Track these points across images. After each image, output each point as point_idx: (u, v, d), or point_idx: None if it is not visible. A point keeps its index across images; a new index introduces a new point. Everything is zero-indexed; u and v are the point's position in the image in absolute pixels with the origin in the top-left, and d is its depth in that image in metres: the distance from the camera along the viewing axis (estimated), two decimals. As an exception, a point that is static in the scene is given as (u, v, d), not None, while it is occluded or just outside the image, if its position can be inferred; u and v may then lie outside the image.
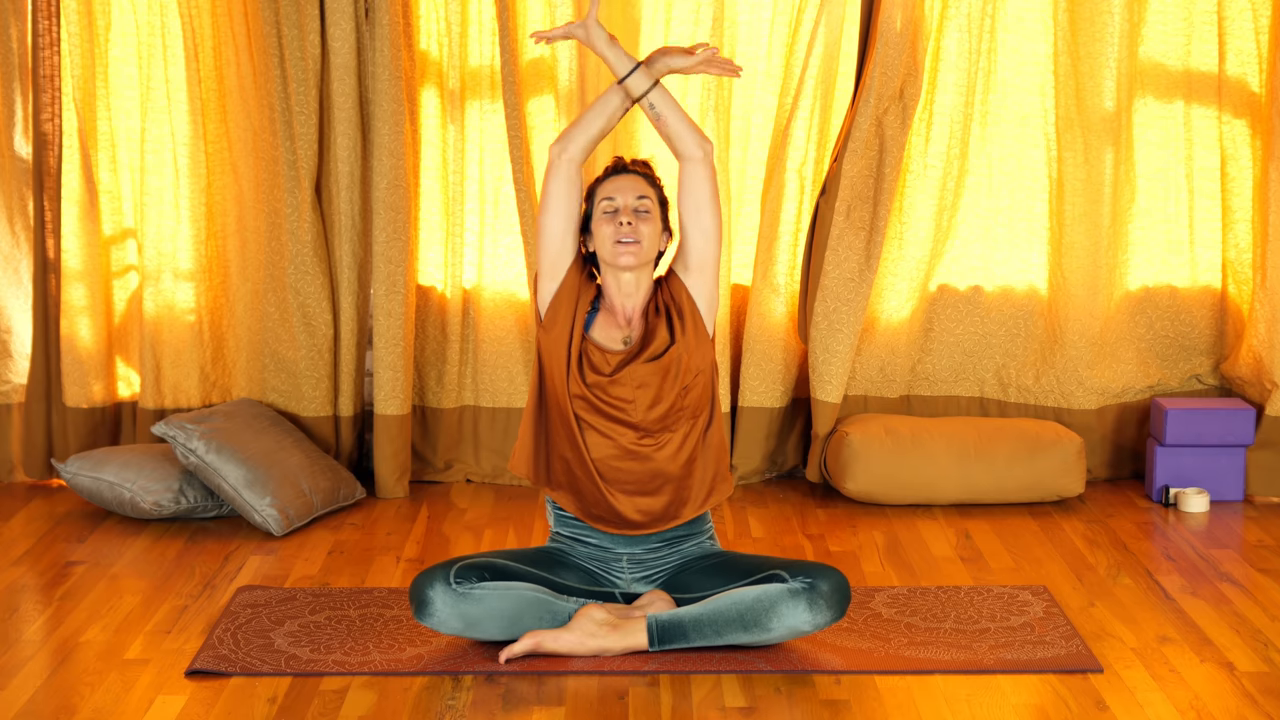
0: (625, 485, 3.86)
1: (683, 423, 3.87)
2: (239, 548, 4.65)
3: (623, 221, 3.81)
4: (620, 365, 3.83)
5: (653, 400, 3.84)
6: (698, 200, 3.84)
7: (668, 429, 3.86)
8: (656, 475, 3.86)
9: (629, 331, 3.88)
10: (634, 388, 3.83)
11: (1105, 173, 5.18)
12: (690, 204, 3.85)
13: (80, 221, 5.15)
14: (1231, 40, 5.15)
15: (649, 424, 3.84)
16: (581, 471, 3.86)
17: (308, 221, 5.11)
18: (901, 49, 5.02)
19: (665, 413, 3.84)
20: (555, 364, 3.84)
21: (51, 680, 3.67)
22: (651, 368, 3.83)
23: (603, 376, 3.83)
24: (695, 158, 3.83)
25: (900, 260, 5.25)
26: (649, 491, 3.86)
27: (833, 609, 3.73)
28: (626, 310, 3.89)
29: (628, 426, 3.83)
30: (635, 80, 3.82)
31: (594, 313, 3.90)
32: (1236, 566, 4.49)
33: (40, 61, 5.06)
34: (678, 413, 3.85)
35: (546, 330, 3.86)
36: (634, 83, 3.83)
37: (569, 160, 3.82)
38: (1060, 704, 3.53)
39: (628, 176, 3.90)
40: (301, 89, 5.05)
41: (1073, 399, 5.31)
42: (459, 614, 3.72)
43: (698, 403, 3.87)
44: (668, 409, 3.84)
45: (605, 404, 3.83)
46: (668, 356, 3.83)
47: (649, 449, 3.85)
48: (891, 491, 5.04)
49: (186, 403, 5.26)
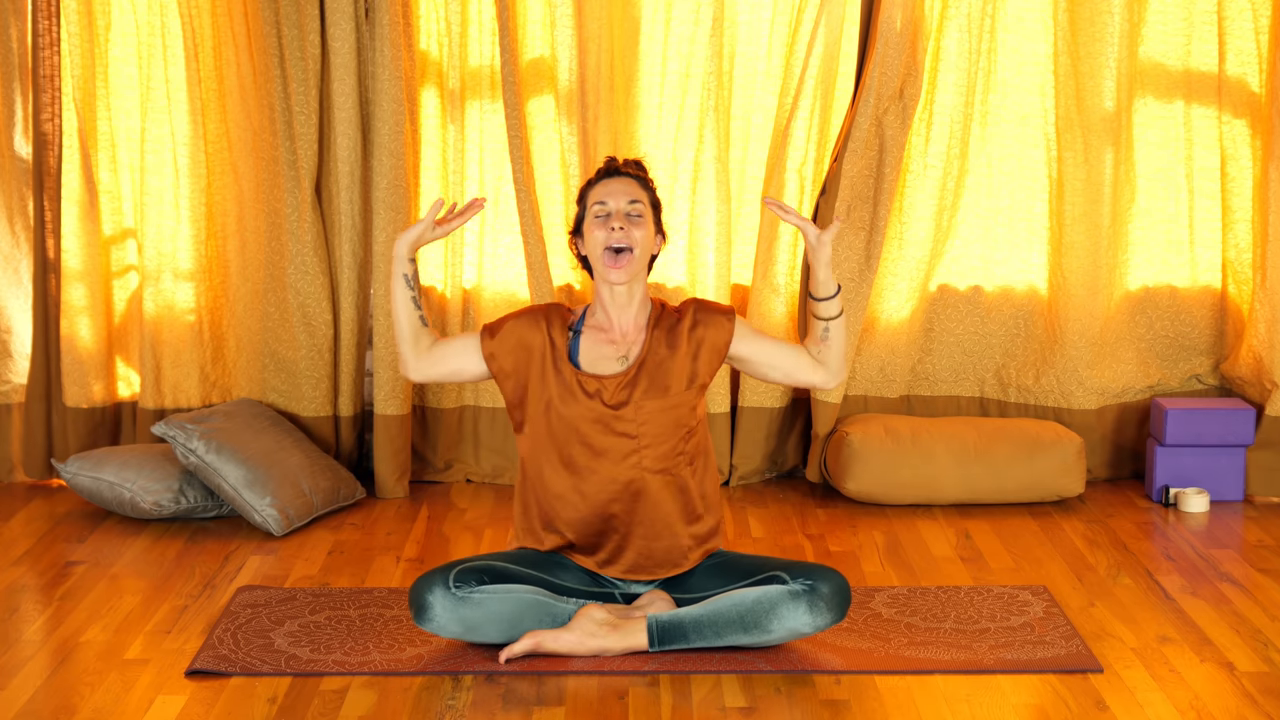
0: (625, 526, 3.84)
1: (681, 468, 3.85)
2: (239, 548, 4.65)
3: (614, 227, 3.79)
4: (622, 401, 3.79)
5: (656, 439, 3.80)
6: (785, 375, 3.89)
7: (666, 472, 3.83)
8: (655, 517, 3.84)
9: (625, 349, 3.85)
10: (639, 424, 3.80)
11: (1105, 173, 5.18)
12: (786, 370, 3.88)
13: (80, 221, 5.15)
14: (1231, 40, 5.15)
15: (649, 464, 3.81)
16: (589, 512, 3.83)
17: (308, 221, 5.12)
18: (901, 49, 5.02)
19: (667, 453, 3.82)
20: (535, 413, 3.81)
21: (51, 680, 3.67)
22: (659, 406, 3.80)
23: (607, 409, 3.80)
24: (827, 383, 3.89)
25: (900, 260, 5.25)
26: (650, 535, 3.85)
27: (833, 611, 3.73)
28: (622, 324, 3.85)
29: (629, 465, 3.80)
30: (833, 304, 3.86)
31: (576, 337, 3.86)
32: (1236, 566, 4.49)
33: (40, 61, 5.06)
34: (678, 456, 3.84)
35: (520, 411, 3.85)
36: (830, 305, 3.86)
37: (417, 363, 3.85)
38: (1060, 704, 3.53)
39: (620, 180, 3.87)
40: (301, 89, 5.05)
41: (1073, 399, 5.31)
42: (459, 618, 3.72)
43: (696, 449, 3.87)
44: (670, 450, 3.82)
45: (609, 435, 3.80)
46: (682, 398, 3.81)
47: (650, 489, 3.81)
48: (891, 491, 5.04)
49: (186, 403, 5.27)
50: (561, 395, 3.79)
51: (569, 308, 3.91)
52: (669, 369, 3.81)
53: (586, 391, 3.79)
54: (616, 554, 3.86)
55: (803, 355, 3.88)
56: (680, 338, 3.83)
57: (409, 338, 3.84)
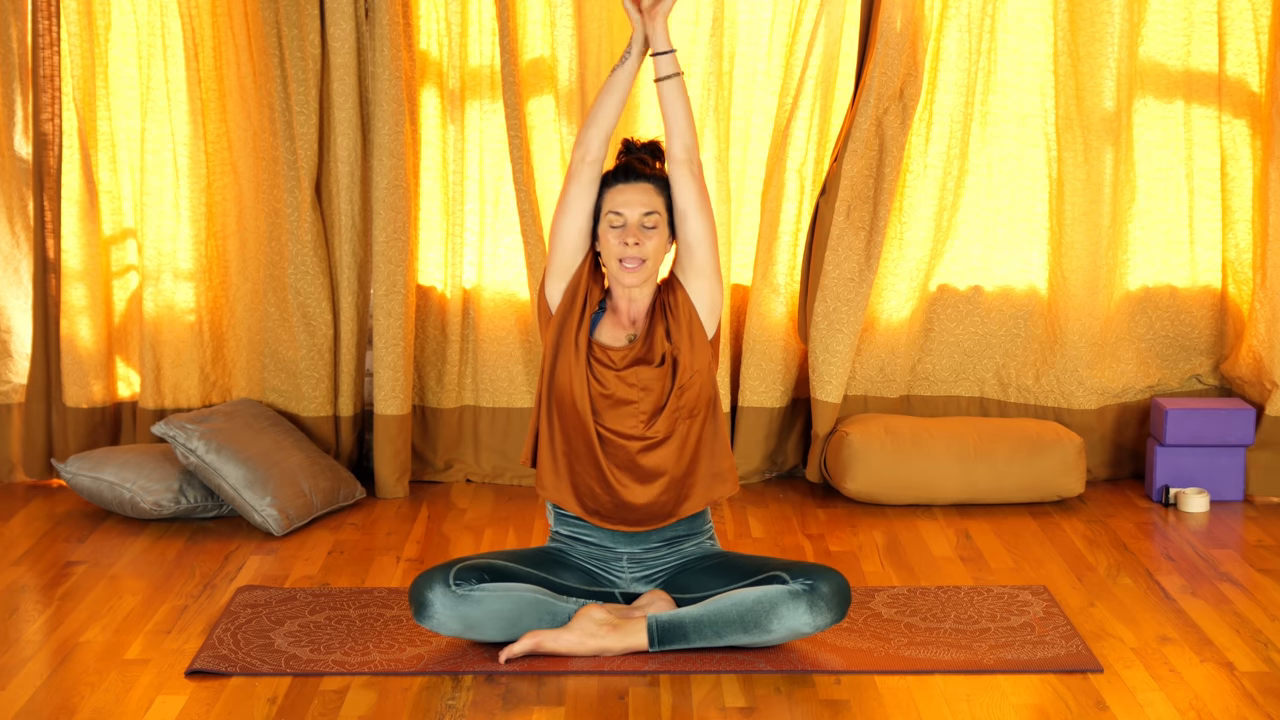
0: (629, 476, 3.87)
1: (680, 422, 3.88)
2: (239, 548, 4.65)
3: (628, 241, 3.82)
4: (629, 363, 3.85)
5: (655, 403, 3.86)
6: (682, 206, 3.86)
7: (667, 431, 3.86)
8: (657, 472, 3.86)
9: (633, 330, 3.91)
10: (638, 389, 3.84)
11: (1105, 173, 5.18)
12: (677, 210, 3.87)
13: (80, 221, 5.15)
14: (1231, 40, 5.15)
15: (651, 423, 3.85)
16: (588, 461, 3.86)
17: (308, 221, 5.11)
18: (901, 49, 5.02)
19: (665, 414, 3.85)
20: (564, 356, 3.85)
21: (51, 680, 3.67)
22: (654, 372, 3.85)
23: (611, 370, 3.85)
24: (679, 159, 3.85)
25: (900, 260, 5.25)
26: (650, 485, 3.87)
27: (833, 611, 3.73)
28: (631, 313, 3.92)
29: (633, 422, 3.85)
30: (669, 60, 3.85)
31: (600, 314, 3.92)
32: (1236, 566, 4.49)
33: (40, 61, 5.06)
34: (674, 413, 3.86)
35: (555, 324, 3.88)
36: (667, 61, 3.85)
37: (592, 163, 3.84)
38: (1060, 704, 3.53)
39: (637, 187, 3.88)
40: (301, 89, 5.05)
41: (1073, 399, 5.31)
42: (458, 616, 3.72)
43: (694, 402, 3.88)
44: (668, 410, 3.85)
45: (613, 397, 3.84)
46: (666, 361, 3.86)
47: (651, 445, 3.85)
48: (891, 491, 5.04)
49: (186, 403, 5.27)
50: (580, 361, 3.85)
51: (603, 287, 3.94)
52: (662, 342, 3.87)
53: (595, 360, 3.85)
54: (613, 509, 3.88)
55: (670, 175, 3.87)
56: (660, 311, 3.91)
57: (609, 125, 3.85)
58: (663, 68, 3.85)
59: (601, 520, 3.90)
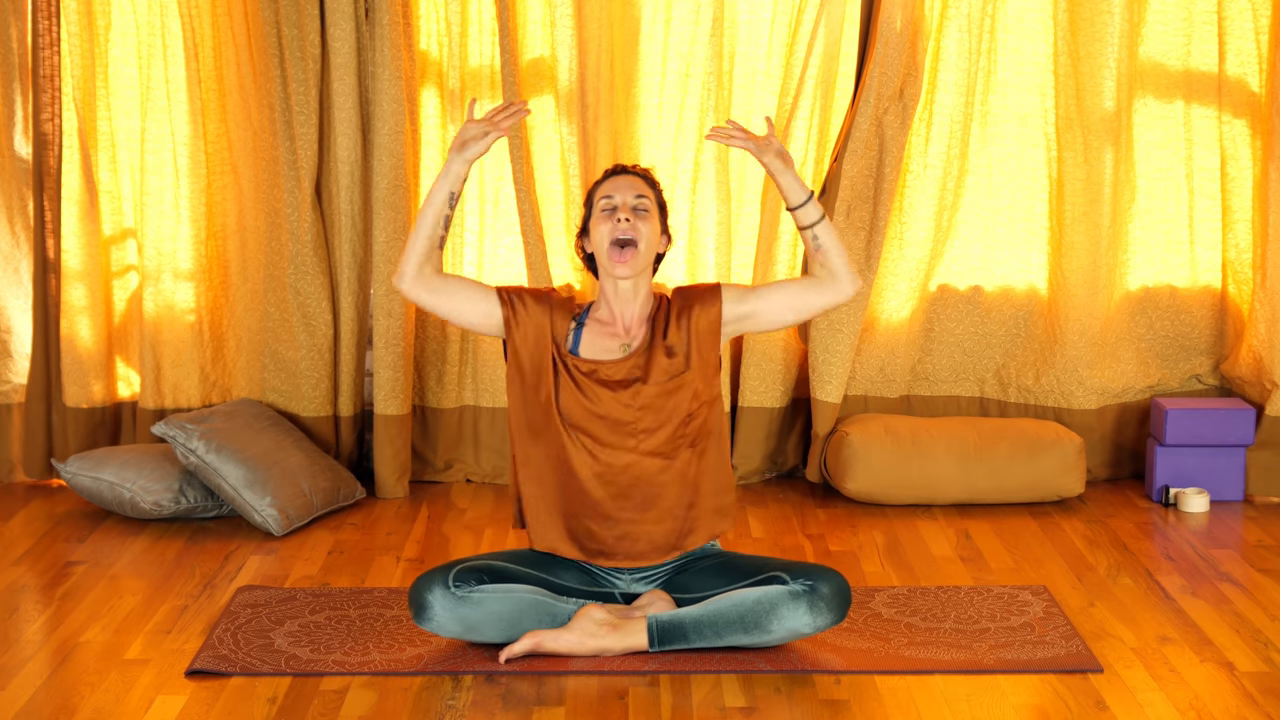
0: (625, 512, 3.84)
1: (682, 450, 3.85)
2: (239, 548, 4.65)
3: (621, 219, 3.80)
4: (625, 384, 3.80)
5: (656, 424, 3.82)
6: (799, 308, 3.85)
7: (665, 455, 3.84)
8: (656, 501, 3.84)
9: (628, 339, 3.86)
10: (637, 409, 3.82)
11: (1105, 173, 5.18)
12: (797, 304, 3.84)
13: (80, 221, 5.15)
14: (1231, 40, 5.15)
15: (648, 447, 3.82)
16: (580, 500, 3.82)
17: (308, 221, 5.12)
18: (901, 49, 5.02)
19: (667, 438, 3.83)
20: (544, 384, 3.80)
21: (51, 680, 3.67)
22: (659, 390, 3.82)
23: (604, 389, 3.80)
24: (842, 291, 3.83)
25: (900, 260, 5.25)
26: (649, 511, 3.85)
27: (833, 611, 3.73)
28: (625, 318, 3.87)
29: (627, 449, 3.81)
30: (808, 210, 3.82)
31: (579, 328, 3.87)
32: (1236, 566, 4.49)
33: (40, 61, 5.06)
34: (678, 439, 3.84)
35: (522, 354, 3.82)
36: (806, 212, 3.82)
37: (414, 280, 3.77)
38: (1060, 704, 3.53)
39: (627, 177, 3.90)
40: (301, 89, 5.05)
41: (1073, 399, 5.31)
42: (458, 618, 3.72)
43: (699, 431, 3.86)
44: (670, 435, 3.83)
45: (608, 418, 3.81)
46: (678, 382, 3.82)
47: (649, 473, 3.82)
48: (891, 491, 5.04)
49: (186, 403, 5.27)
50: (564, 384, 3.79)
51: (577, 301, 3.91)
52: (667, 355, 3.83)
53: (585, 376, 3.79)
54: (615, 544, 3.85)
55: (806, 280, 3.86)
56: (675, 325, 3.85)
57: (422, 251, 3.76)
58: (805, 218, 3.83)
59: (605, 559, 3.88)
